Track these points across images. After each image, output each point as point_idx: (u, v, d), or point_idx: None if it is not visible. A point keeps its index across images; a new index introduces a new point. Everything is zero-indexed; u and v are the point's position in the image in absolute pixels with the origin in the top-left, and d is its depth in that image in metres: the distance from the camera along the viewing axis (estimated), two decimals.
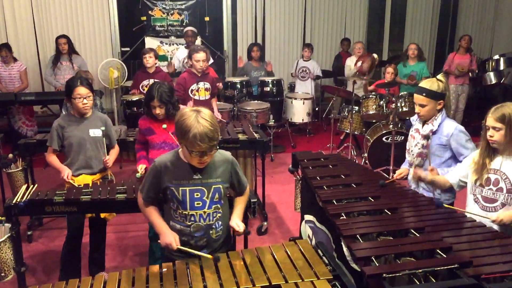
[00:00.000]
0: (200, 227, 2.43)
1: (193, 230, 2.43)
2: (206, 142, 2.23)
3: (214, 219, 2.45)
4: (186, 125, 2.24)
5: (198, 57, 4.91)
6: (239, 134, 4.44)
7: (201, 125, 2.21)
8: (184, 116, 2.28)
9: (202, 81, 5.03)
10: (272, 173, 6.09)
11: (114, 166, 5.85)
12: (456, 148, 3.08)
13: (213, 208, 2.44)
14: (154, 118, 3.57)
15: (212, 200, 2.43)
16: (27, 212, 3.02)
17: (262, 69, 7.41)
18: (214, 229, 2.47)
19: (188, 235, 2.44)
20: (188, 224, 2.42)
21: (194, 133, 2.21)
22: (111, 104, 8.27)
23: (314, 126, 8.12)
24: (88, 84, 3.41)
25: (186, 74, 5.06)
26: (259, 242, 4.31)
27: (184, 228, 2.44)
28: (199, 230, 2.43)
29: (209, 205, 2.43)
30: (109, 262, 3.93)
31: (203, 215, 2.42)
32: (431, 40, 9.68)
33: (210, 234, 2.46)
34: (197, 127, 2.21)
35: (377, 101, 6.11)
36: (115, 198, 3.00)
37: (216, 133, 2.27)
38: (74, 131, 3.45)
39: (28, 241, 4.32)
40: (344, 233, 2.39)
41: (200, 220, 2.42)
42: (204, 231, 2.44)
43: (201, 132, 2.21)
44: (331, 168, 3.39)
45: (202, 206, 2.41)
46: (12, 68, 6.65)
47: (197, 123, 2.22)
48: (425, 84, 3.11)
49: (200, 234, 2.44)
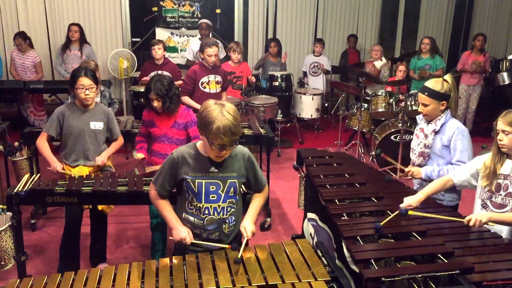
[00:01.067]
0: (214, 220, 2.43)
1: (206, 223, 2.42)
2: (229, 136, 2.23)
3: (227, 213, 2.45)
4: (210, 117, 2.24)
5: (210, 51, 4.87)
6: (245, 129, 4.40)
7: (226, 118, 2.22)
8: (208, 108, 2.27)
9: (213, 74, 4.98)
10: (278, 168, 6.05)
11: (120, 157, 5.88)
12: (453, 149, 3.04)
13: (228, 202, 2.44)
14: (156, 111, 3.56)
15: (227, 194, 2.43)
16: (27, 202, 3.03)
17: (278, 65, 7.37)
18: (227, 223, 2.46)
19: (201, 228, 2.43)
20: (201, 217, 2.42)
21: (218, 125, 2.21)
22: (120, 94, 8.28)
23: (323, 122, 8.06)
24: (92, 76, 3.38)
25: (197, 66, 5.02)
26: (261, 238, 4.29)
27: (198, 221, 2.43)
28: (212, 223, 2.43)
29: (224, 199, 2.42)
30: (110, 253, 3.93)
31: (217, 209, 2.42)
32: (445, 38, 9.54)
33: (223, 228, 2.46)
34: (221, 120, 2.21)
35: (386, 99, 6.03)
36: (116, 190, 2.99)
37: (239, 129, 2.28)
38: (75, 121, 3.44)
39: (31, 229, 4.33)
40: (344, 234, 2.35)
41: (214, 213, 2.42)
42: (217, 225, 2.44)
43: (225, 125, 2.21)
44: (335, 167, 3.34)
45: (216, 200, 2.41)
46: (27, 57, 6.64)
47: (221, 115, 2.22)
48: (430, 84, 3.05)
49: (213, 227, 2.44)
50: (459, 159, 3.00)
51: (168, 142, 3.60)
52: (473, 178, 2.75)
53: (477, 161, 2.75)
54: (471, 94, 7.33)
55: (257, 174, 2.55)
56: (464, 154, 3.00)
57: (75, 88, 3.38)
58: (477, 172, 2.73)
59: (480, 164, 2.71)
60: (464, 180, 2.78)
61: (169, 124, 3.58)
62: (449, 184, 2.80)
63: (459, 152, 3.01)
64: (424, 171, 3.09)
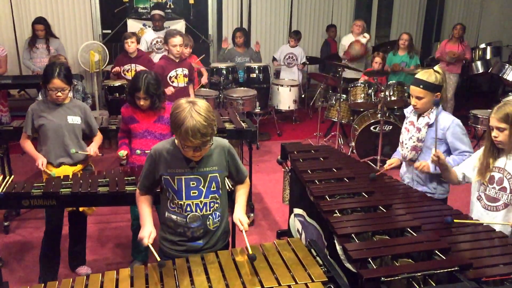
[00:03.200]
0: (197, 217, 2.34)
1: (189, 221, 2.34)
2: (199, 138, 2.12)
3: (211, 209, 2.36)
4: (179, 118, 2.13)
5: (175, 41, 4.71)
6: (226, 123, 4.30)
7: (194, 119, 2.10)
8: (178, 108, 2.16)
9: (180, 67, 4.84)
10: (258, 161, 5.98)
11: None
12: (452, 142, 2.99)
13: (210, 197, 2.35)
14: (137, 107, 3.41)
15: (209, 189, 2.34)
16: (3, 206, 2.88)
17: (247, 55, 7.24)
18: (211, 219, 2.38)
19: (184, 226, 2.35)
20: (184, 215, 2.33)
21: (186, 127, 2.10)
22: (91, 88, 8.03)
23: (300, 113, 8.01)
24: (65, 77, 3.21)
25: (163, 61, 4.86)
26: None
27: (181, 219, 2.35)
28: (196, 221, 2.34)
29: (206, 194, 2.34)
30: (89, 255, 3.78)
31: (200, 205, 2.33)
32: (418, 27, 9.60)
33: (207, 225, 2.37)
34: (189, 121, 2.09)
35: (365, 90, 6.01)
36: (97, 191, 2.86)
37: (210, 128, 2.15)
38: (50, 117, 3.27)
39: (4, 232, 4.14)
40: (338, 232, 2.29)
41: (197, 210, 2.33)
42: (201, 222, 2.35)
43: (193, 127, 2.09)
44: (322, 161, 3.29)
45: (198, 196, 2.32)
46: None
47: (190, 117, 2.10)
48: (422, 76, 2.99)
49: (197, 224, 2.35)
50: (463, 150, 2.96)
51: (151, 137, 3.44)
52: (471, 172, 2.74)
53: (475, 157, 2.73)
54: (447, 82, 7.32)
55: (238, 165, 2.48)
56: (466, 144, 2.97)
57: (47, 89, 3.22)
58: (474, 167, 2.71)
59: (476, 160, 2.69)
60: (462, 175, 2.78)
61: (152, 118, 3.44)
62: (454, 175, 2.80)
63: (462, 144, 2.97)
64: (432, 166, 3.01)
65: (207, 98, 5.65)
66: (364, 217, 2.47)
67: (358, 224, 2.37)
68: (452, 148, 3.01)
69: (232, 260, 2.19)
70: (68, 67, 3.33)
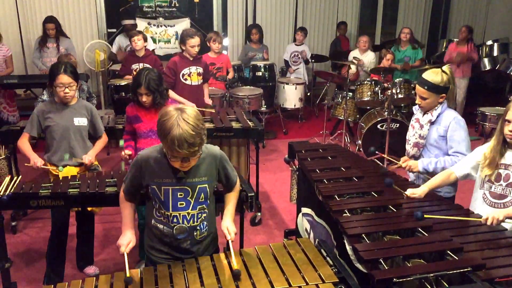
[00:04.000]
0: (184, 229, 2.25)
1: (176, 232, 2.25)
2: (185, 148, 2.01)
3: (198, 220, 2.28)
4: (166, 127, 2.02)
5: (193, 42, 4.72)
6: (233, 122, 4.28)
7: (181, 128, 1.98)
8: (165, 116, 2.04)
9: (194, 65, 4.83)
10: (264, 160, 5.95)
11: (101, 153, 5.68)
12: (449, 139, 2.98)
13: (198, 209, 2.26)
14: (142, 106, 3.40)
15: (197, 201, 2.25)
16: (10, 206, 2.86)
17: (260, 52, 7.24)
18: (198, 230, 2.29)
19: (171, 236, 2.27)
20: (171, 226, 2.25)
21: (172, 136, 1.99)
22: (97, 87, 8.03)
23: (306, 111, 7.97)
24: (72, 73, 3.20)
25: (177, 58, 4.86)
26: (253, 233, 4.20)
27: (167, 230, 2.27)
28: (182, 232, 2.26)
29: (194, 205, 2.24)
30: (97, 255, 3.78)
31: (187, 216, 2.24)
32: (424, 25, 9.55)
33: (194, 236, 2.29)
34: (176, 130, 1.98)
35: (372, 88, 5.98)
36: (105, 191, 2.85)
37: (199, 138, 2.04)
38: (57, 118, 3.26)
39: (12, 232, 4.14)
40: (348, 232, 2.27)
41: (184, 221, 2.24)
42: (188, 233, 2.27)
43: (179, 137, 1.98)
44: (330, 160, 3.26)
45: (185, 207, 2.23)
46: None
47: (176, 125, 1.99)
48: (429, 76, 2.96)
49: (183, 236, 2.26)
50: (457, 150, 2.94)
51: (155, 137, 3.43)
52: (473, 171, 2.70)
53: (477, 153, 2.69)
54: (458, 86, 7.18)
55: (229, 174, 2.38)
56: (462, 144, 2.94)
57: (54, 86, 3.20)
58: (477, 164, 2.67)
59: (480, 156, 2.66)
60: (465, 173, 2.72)
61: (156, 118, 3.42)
62: (452, 177, 2.74)
63: (457, 143, 2.96)
64: (421, 164, 3.03)
65: (213, 96, 5.63)
66: (374, 217, 2.44)
67: (368, 224, 2.35)
68: (449, 146, 3.00)
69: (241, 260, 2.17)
70: (73, 64, 3.32)
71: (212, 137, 4.08)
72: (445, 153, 3.06)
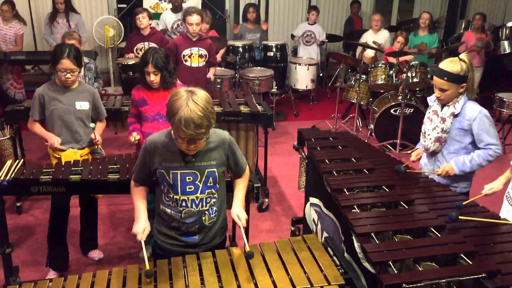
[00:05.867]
0: (192, 213, 2.25)
1: (184, 216, 2.24)
2: (192, 129, 2.00)
3: (207, 204, 2.27)
4: (174, 107, 2.02)
5: (191, 20, 4.56)
6: (241, 106, 4.16)
7: (189, 109, 1.98)
8: (175, 96, 2.05)
9: (196, 46, 4.68)
10: (274, 143, 5.85)
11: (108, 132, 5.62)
12: (478, 134, 2.82)
13: (207, 193, 2.25)
14: (148, 88, 3.30)
15: (206, 185, 2.24)
16: (11, 192, 2.79)
17: (258, 32, 7.01)
18: (207, 215, 2.28)
19: (179, 220, 2.26)
20: (179, 210, 2.24)
21: (179, 117, 1.99)
22: (106, 63, 7.94)
23: (318, 93, 7.79)
24: (75, 58, 3.09)
25: (179, 38, 4.71)
26: (260, 219, 4.12)
27: (175, 213, 2.26)
28: (191, 216, 2.25)
29: (202, 189, 2.24)
30: (101, 239, 3.73)
31: (195, 201, 2.23)
32: (443, 2, 9.22)
33: (203, 220, 2.28)
34: (184, 111, 1.98)
35: (386, 71, 5.80)
36: (107, 178, 2.77)
37: (206, 120, 2.03)
38: (58, 102, 3.18)
39: (17, 212, 4.12)
40: (357, 230, 2.17)
41: (192, 205, 2.24)
42: (196, 217, 2.26)
43: (186, 117, 1.98)
44: (340, 150, 3.15)
45: (194, 191, 2.22)
46: (10, 28, 6.24)
47: (185, 105, 1.99)
48: (447, 66, 2.80)
49: (192, 220, 2.26)
50: (488, 142, 2.80)
51: (162, 120, 3.33)
52: None
53: None
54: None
55: (238, 159, 2.36)
56: (492, 136, 2.81)
57: (56, 70, 3.11)
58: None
59: None
60: None
61: (164, 100, 3.31)
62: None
63: (487, 135, 2.81)
64: (455, 166, 2.86)
65: (223, 77, 5.51)
66: (385, 214, 2.34)
67: (378, 222, 2.24)
68: (478, 140, 2.84)
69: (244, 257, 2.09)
70: (78, 48, 3.21)
71: (220, 121, 3.98)
72: (464, 146, 2.91)
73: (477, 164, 2.83)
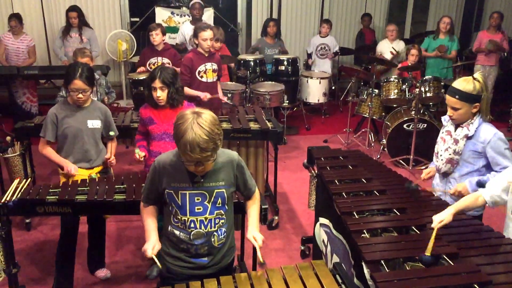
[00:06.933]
0: (201, 234, 2.21)
1: (193, 238, 2.21)
2: (197, 153, 1.99)
3: (216, 225, 2.24)
4: (180, 130, 2.01)
5: (205, 35, 4.55)
6: (251, 123, 4.12)
7: (194, 132, 1.97)
8: (181, 119, 2.04)
9: (209, 61, 4.67)
10: (285, 158, 5.79)
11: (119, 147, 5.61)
12: (493, 157, 2.73)
13: (215, 214, 2.22)
14: (156, 106, 3.29)
15: (215, 205, 2.21)
16: (16, 212, 2.77)
17: (276, 47, 7.01)
18: (216, 236, 2.25)
19: (188, 242, 2.23)
20: (188, 231, 2.21)
21: (185, 141, 1.98)
22: (119, 77, 7.99)
23: (330, 106, 7.73)
24: (87, 78, 3.10)
25: (192, 54, 4.69)
26: (269, 237, 4.06)
27: (184, 235, 2.23)
28: (200, 238, 2.22)
29: (211, 210, 2.21)
30: (109, 257, 3.70)
31: (204, 221, 2.21)
32: (458, 14, 9.13)
33: (212, 241, 2.25)
34: (189, 135, 1.97)
35: (399, 85, 5.73)
36: (113, 199, 2.74)
37: (212, 143, 2.01)
38: (70, 121, 3.18)
39: (26, 229, 4.11)
40: (367, 257, 2.10)
41: (201, 226, 2.21)
42: (205, 239, 2.23)
43: (191, 141, 1.97)
44: (351, 170, 3.08)
45: (203, 212, 2.20)
46: (21, 41, 6.31)
47: (190, 129, 1.98)
48: (459, 85, 2.73)
49: (201, 241, 2.23)
50: (504, 166, 2.70)
51: (169, 139, 3.32)
52: (504, 193, 2.43)
53: (509, 173, 2.46)
54: (487, 76, 6.75)
55: (247, 180, 2.34)
56: (508, 159, 2.71)
57: (68, 90, 3.12)
58: (508, 185, 2.43)
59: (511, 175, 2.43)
60: (496, 196, 2.43)
61: (171, 120, 3.30)
62: (480, 200, 2.45)
63: (503, 158, 2.71)
64: (470, 187, 2.76)
65: (233, 92, 5.48)
66: (395, 240, 2.27)
67: (388, 248, 2.17)
68: (493, 163, 2.75)
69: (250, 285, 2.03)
70: (90, 68, 3.22)
71: (229, 138, 3.94)
72: (478, 169, 2.83)
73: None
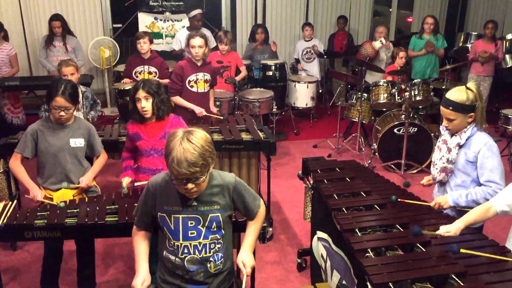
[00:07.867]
0: (195, 260, 2.12)
1: (187, 264, 2.11)
2: (184, 167, 1.90)
3: (211, 251, 2.14)
4: (169, 147, 1.95)
5: (193, 42, 4.45)
6: (243, 133, 4.03)
7: (182, 148, 1.91)
8: (171, 136, 1.98)
9: (201, 71, 4.57)
10: (275, 165, 5.69)
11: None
12: (480, 166, 2.69)
13: (210, 238, 2.13)
14: (142, 121, 3.20)
15: (209, 230, 2.12)
16: (3, 238, 2.65)
17: (266, 52, 6.93)
18: (212, 262, 2.15)
19: (182, 268, 2.13)
20: (181, 257, 2.11)
21: (172, 156, 1.92)
22: (102, 84, 7.82)
23: (318, 110, 7.66)
24: (70, 95, 2.97)
25: (184, 62, 4.59)
26: (264, 250, 3.97)
27: (178, 261, 2.13)
28: (194, 264, 2.12)
29: (205, 235, 2.12)
30: (100, 276, 3.58)
31: (198, 247, 2.12)
32: (441, 15, 9.13)
33: (208, 268, 2.14)
34: (177, 150, 1.91)
35: (388, 89, 5.69)
36: (105, 222, 2.63)
37: (202, 159, 1.93)
38: (52, 139, 3.05)
39: (12, 248, 3.96)
40: (374, 280, 2.03)
41: (195, 252, 2.11)
42: (200, 265, 2.13)
43: (179, 156, 1.90)
44: (348, 182, 3.01)
45: (196, 236, 2.11)
46: (1, 50, 6.12)
47: (179, 144, 1.92)
48: (453, 95, 2.68)
49: (196, 268, 2.13)
50: (489, 179, 2.65)
51: (158, 155, 3.23)
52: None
53: None
54: (481, 85, 6.59)
55: (247, 203, 2.22)
56: (495, 173, 2.66)
57: (50, 107, 2.99)
58: None
59: None
60: (508, 206, 2.40)
61: (158, 135, 3.22)
62: (491, 212, 2.41)
63: (489, 171, 2.67)
64: (450, 199, 2.73)
65: (222, 100, 5.38)
66: (401, 259, 2.19)
67: (395, 269, 2.10)
68: (479, 173, 2.70)
69: None
70: (74, 85, 3.09)
71: (221, 149, 3.85)
72: (473, 180, 2.78)
73: (473, 200, 2.68)
